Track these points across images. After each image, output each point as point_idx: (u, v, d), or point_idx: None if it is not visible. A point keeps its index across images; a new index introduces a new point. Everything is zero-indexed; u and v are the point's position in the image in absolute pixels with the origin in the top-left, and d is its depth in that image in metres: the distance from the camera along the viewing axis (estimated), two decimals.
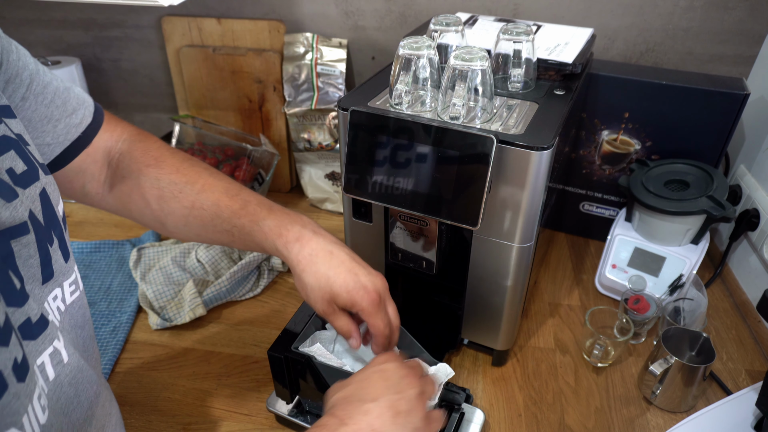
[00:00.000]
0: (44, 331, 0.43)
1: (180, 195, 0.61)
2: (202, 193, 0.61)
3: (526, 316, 0.92)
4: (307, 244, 0.58)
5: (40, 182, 0.46)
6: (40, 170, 0.47)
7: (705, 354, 0.75)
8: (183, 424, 0.74)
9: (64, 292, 0.49)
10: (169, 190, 0.61)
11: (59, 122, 0.56)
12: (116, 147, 0.63)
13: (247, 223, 0.60)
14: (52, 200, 0.47)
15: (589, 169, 1.03)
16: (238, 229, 0.60)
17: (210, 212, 0.61)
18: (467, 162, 0.61)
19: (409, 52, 0.66)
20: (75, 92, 0.59)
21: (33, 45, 1.26)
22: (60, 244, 0.48)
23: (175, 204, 0.61)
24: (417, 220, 0.71)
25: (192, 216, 0.61)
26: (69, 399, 0.47)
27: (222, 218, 0.61)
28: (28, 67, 0.53)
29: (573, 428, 0.74)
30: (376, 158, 0.66)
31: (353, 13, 1.11)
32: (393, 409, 0.49)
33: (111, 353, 0.83)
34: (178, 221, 0.62)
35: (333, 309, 0.59)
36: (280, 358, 0.66)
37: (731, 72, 1.03)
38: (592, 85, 0.93)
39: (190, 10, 1.14)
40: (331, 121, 1.13)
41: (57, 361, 0.45)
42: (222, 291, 0.93)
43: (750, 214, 0.93)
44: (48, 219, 0.46)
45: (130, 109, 1.33)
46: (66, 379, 0.46)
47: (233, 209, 0.61)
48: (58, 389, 0.45)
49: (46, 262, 0.45)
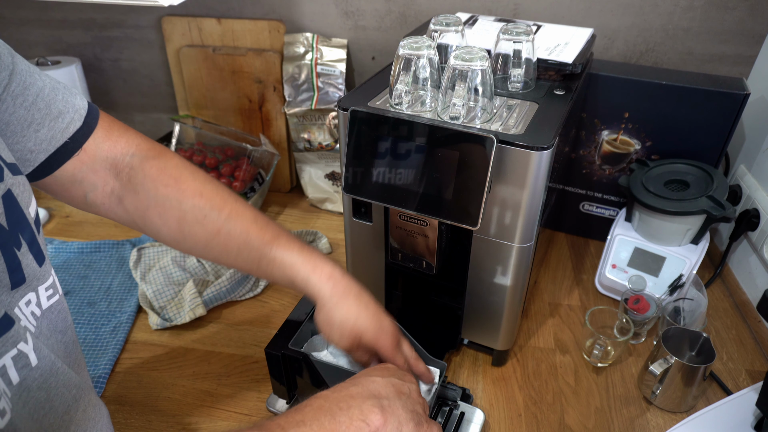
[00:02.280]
0: (5, 333, 0.42)
1: (204, 221, 0.59)
2: (229, 221, 0.60)
3: (526, 316, 0.92)
4: (339, 282, 0.60)
5: (4, 183, 0.44)
6: (7, 170, 0.44)
7: (705, 354, 0.75)
8: (183, 424, 0.74)
9: (39, 296, 0.47)
10: (192, 214, 0.59)
11: (41, 126, 0.52)
12: (124, 160, 0.60)
13: (278, 255, 0.60)
14: (20, 202, 0.45)
15: (589, 169, 1.03)
16: (268, 260, 0.60)
17: (238, 241, 0.60)
18: (467, 162, 0.61)
19: (409, 52, 0.66)
20: (62, 95, 0.55)
21: (33, 45, 1.26)
22: (31, 248, 0.46)
23: (199, 229, 0.59)
24: (417, 220, 0.71)
25: (216, 242, 0.60)
26: (39, 403, 0.45)
27: (251, 248, 0.60)
28: (7, 67, 0.50)
29: (573, 428, 0.74)
30: (376, 158, 0.66)
31: (353, 13, 1.11)
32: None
33: (111, 353, 0.83)
34: (198, 243, 0.61)
35: (358, 345, 0.61)
36: (277, 356, 0.66)
37: (731, 72, 1.03)
38: (592, 85, 0.93)
39: (190, 10, 1.14)
40: (331, 121, 1.13)
41: (22, 364, 0.43)
42: (222, 291, 0.93)
43: (750, 214, 0.93)
44: (13, 222, 0.44)
45: (130, 109, 1.33)
46: (35, 383, 0.45)
47: (265, 240, 0.60)
48: (25, 393, 0.44)
49: (14, 267, 0.43)
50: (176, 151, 1.14)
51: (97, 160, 0.58)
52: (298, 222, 1.17)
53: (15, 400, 0.43)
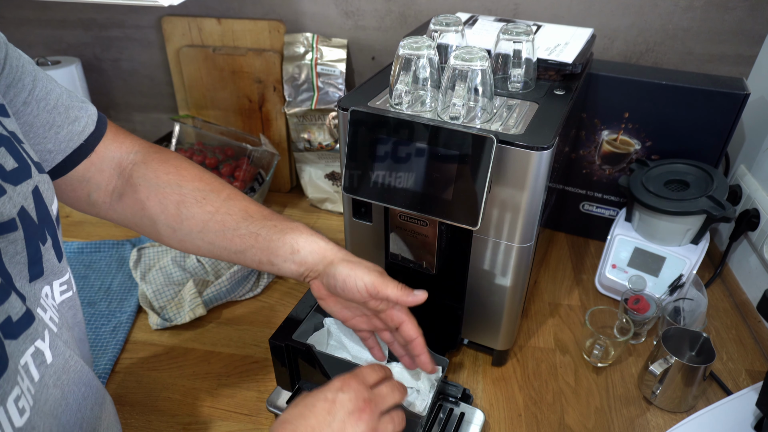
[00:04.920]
0: (26, 330, 0.42)
1: (204, 201, 0.62)
2: (228, 200, 0.63)
3: (526, 316, 0.92)
4: (335, 246, 0.63)
5: (33, 180, 0.46)
6: (33, 168, 0.47)
7: (705, 354, 0.75)
8: (183, 424, 0.74)
9: (53, 290, 0.49)
10: (192, 195, 0.62)
11: (61, 129, 0.56)
12: (128, 158, 0.63)
13: (278, 223, 0.62)
14: (45, 199, 0.47)
15: (589, 169, 1.03)
16: (267, 229, 0.62)
17: (237, 216, 0.62)
18: (467, 162, 0.61)
19: (409, 52, 0.66)
20: (78, 100, 0.59)
21: (33, 45, 1.26)
22: (53, 244, 0.48)
23: (197, 209, 0.62)
24: (417, 220, 0.71)
25: (213, 221, 0.62)
26: (56, 401, 0.46)
27: (251, 221, 0.62)
28: (31, 73, 0.54)
29: (573, 428, 0.74)
30: (376, 158, 0.66)
31: (353, 13, 1.11)
32: None
33: (111, 353, 0.83)
34: (194, 226, 0.62)
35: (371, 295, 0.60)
36: (281, 347, 0.68)
37: (731, 72, 1.03)
38: (592, 85, 0.93)
39: (190, 10, 1.14)
40: (331, 121, 1.13)
41: (39, 361, 0.44)
42: (222, 291, 0.93)
43: (750, 214, 0.93)
44: (41, 217, 0.46)
45: (130, 109, 1.33)
46: (50, 380, 0.45)
47: (264, 214, 0.63)
48: (45, 391, 0.44)
49: (35, 260, 0.45)
50: (176, 151, 1.15)
51: (105, 160, 0.62)
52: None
53: (37, 397, 0.43)
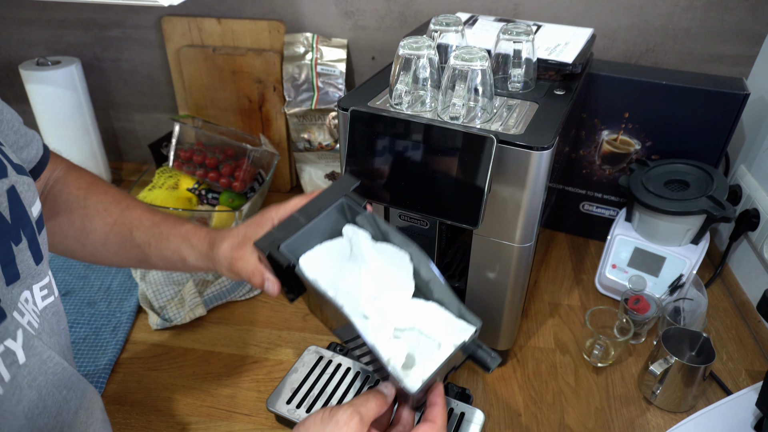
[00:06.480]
0: None
1: (104, 212, 0.65)
2: (126, 210, 0.66)
3: (526, 316, 0.92)
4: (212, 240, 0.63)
5: (8, 179, 0.46)
6: (10, 168, 0.47)
7: (705, 354, 0.75)
8: (183, 424, 0.74)
9: (34, 295, 0.48)
10: (94, 207, 0.65)
11: (22, 151, 0.57)
12: (52, 176, 0.66)
13: (165, 230, 0.64)
14: (23, 199, 0.47)
15: (589, 169, 1.03)
16: (156, 237, 0.64)
17: (130, 227, 0.65)
18: (467, 162, 0.61)
19: (409, 52, 0.66)
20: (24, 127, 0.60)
21: (33, 45, 1.25)
22: (30, 245, 0.47)
23: (99, 221, 0.65)
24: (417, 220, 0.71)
25: (113, 233, 0.65)
26: (31, 403, 0.45)
27: (142, 229, 0.65)
28: None
29: (573, 428, 0.74)
30: (376, 158, 0.66)
31: (353, 13, 1.11)
32: None
33: (111, 353, 0.83)
34: (98, 239, 0.65)
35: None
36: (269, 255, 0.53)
37: (731, 72, 1.03)
38: (592, 85, 0.93)
39: (190, 10, 1.14)
40: (331, 121, 1.13)
41: (10, 361, 0.43)
42: (222, 291, 0.93)
43: (750, 214, 0.93)
44: (16, 217, 0.46)
45: (130, 109, 1.33)
46: (24, 381, 0.45)
47: (154, 220, 0.66)
48: (18, 392, 0.44)
49: (7, 261, 0.44)
50: (176, 151, 1.15)
51: (41, 181, 0.64)
52: None
53: (7, 398, 0.43)
